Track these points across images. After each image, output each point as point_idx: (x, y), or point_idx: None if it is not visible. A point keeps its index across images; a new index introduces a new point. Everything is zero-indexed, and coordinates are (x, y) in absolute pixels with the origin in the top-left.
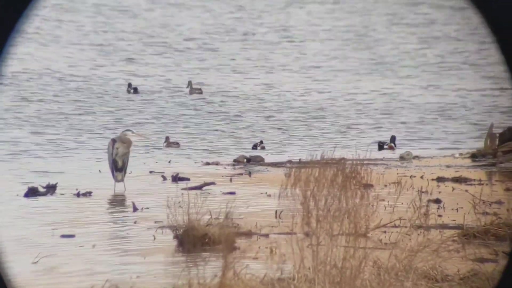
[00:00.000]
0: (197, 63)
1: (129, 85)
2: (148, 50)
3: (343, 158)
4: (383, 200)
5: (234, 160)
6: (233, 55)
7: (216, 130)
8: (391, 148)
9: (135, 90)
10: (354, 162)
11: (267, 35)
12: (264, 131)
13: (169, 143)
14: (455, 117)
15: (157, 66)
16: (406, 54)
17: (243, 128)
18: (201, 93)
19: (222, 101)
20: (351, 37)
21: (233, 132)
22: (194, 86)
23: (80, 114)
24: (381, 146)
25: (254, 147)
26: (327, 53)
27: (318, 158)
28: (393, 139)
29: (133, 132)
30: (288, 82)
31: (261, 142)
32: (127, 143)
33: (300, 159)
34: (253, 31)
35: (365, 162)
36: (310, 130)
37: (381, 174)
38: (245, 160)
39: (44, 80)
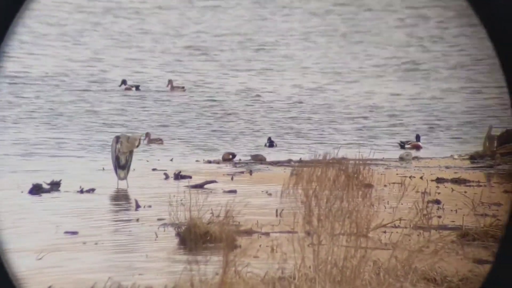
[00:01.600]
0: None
1: (124, 82)
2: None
3: (345, 158)
4: (384, 200)
5: (223, 158)
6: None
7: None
8: (416, 146)
9: (137, 88)
10: (356, 162)
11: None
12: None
13: (151, 140)
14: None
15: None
16: None
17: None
18: (184, 90)
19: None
20: None
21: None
22: (175, 85)
23: (84, 112)
24: (402, 145)
25: (270, 145)
26: None
27: (320, 157)
28: (418, 137)
29: (140, 135)
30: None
31: (269, 138)
32: (132, 142)
33: (300, 159)
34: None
35: (367, 162)
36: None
37: (382, 174)
38: (230, 157)
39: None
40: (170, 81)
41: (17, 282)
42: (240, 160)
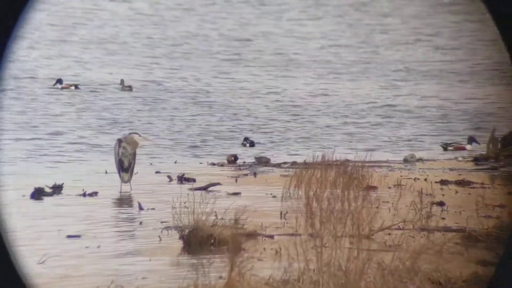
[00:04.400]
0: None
1: (59, 81)
2: None
3: (347, 160)
4: (387, 202)
5: (227, 161)
6: None
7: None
8: (459, 148)
9: (129, 88)
10: (357, 164)
11: None
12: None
13: (124, 87)
14: None
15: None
16: None
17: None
18: (131, 90)
19: None
20: None
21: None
22: (125, 84)
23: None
24: (445, 147)
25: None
26: None
27: (320, 159)
28: (471, 139)
29: (140, 135)
30: None
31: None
32: (133, 144)
33: (305, 160)
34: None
35: (369, 164)
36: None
37: (385, 176)
38: (232, 158)
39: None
40: (122, 81)
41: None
42: (244, 162)
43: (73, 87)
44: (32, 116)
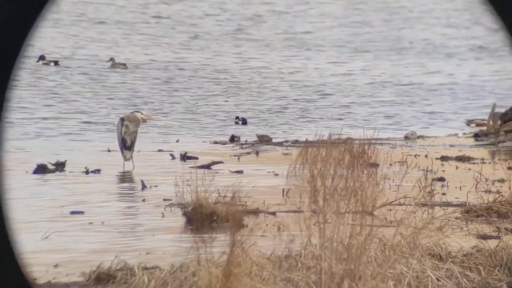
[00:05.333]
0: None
1: (41, 57)
2: None
3: (350, 138)
4: (389, 178)
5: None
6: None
7: None
8: (482, 125)
9: (56, 63)
10: (361, 141)
11: None
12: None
13: (114, 64)
14: None
15: None
16: None
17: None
18: (126, 68)
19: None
20: None
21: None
22: (117, 61)
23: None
24: (468, 124)
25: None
26: None
27: (325, 138)
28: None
29: (142, 113)
30: None
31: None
32: (135, 122)
33: (306, 139)
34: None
35: (372, 141)
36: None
37: (387, 153)
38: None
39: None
40: (112, 59)
41: (23, 263)
42: (246, 141)
43: (52, 63)
44: (44, 94)
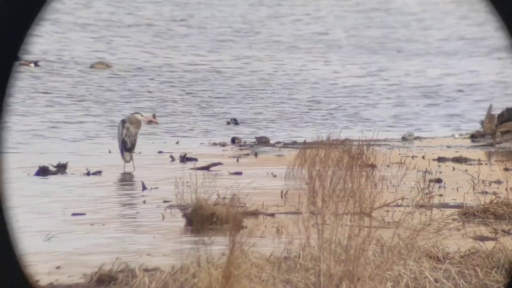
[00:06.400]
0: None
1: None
2: None
3: (347, 139)
4: (386, 180)
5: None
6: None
7: None
8: None
9: (36, 64)
10: (360, 143)
11: None
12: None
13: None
14: None
15: None
16: None
17: None
18: (110, 67)
19: None
20: None
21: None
22: (105, 62)
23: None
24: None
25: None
26: None
27: (324, 139)
28: None
29: (142, 115)
30: None
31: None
32: (136, 123)
33: (305, 140)
34: None
35: (370, 143)
36: None
37: (384, 154)
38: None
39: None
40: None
41: (24, 265)
42: (245, 142)
43: (32, 64)
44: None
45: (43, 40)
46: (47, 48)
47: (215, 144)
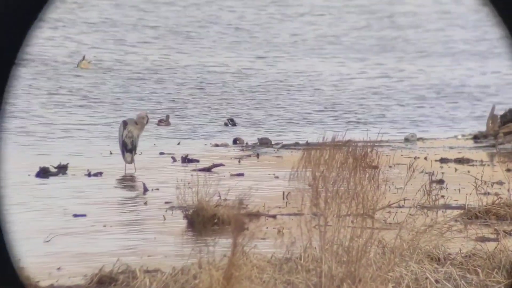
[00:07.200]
0: None
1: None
2: None
3: (350, 140)
4: (389, 181)
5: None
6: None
7: None
8: None
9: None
10: (364, 144)
11: None
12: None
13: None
14: None
15: None
16: None
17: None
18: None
19: None
20: None
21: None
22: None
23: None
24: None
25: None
26: None
27: (328, 140)
28: None
29: (143, 116)
30: None
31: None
32: (140, 125)
33: (307, 141)
34: None
35: (374, 144)
36: None
37: (387, 155)
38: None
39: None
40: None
41: (25, 266)
42: (247, 143)
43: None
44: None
45: (53, 43)
46: (48, 48)
47: (217, 145)
